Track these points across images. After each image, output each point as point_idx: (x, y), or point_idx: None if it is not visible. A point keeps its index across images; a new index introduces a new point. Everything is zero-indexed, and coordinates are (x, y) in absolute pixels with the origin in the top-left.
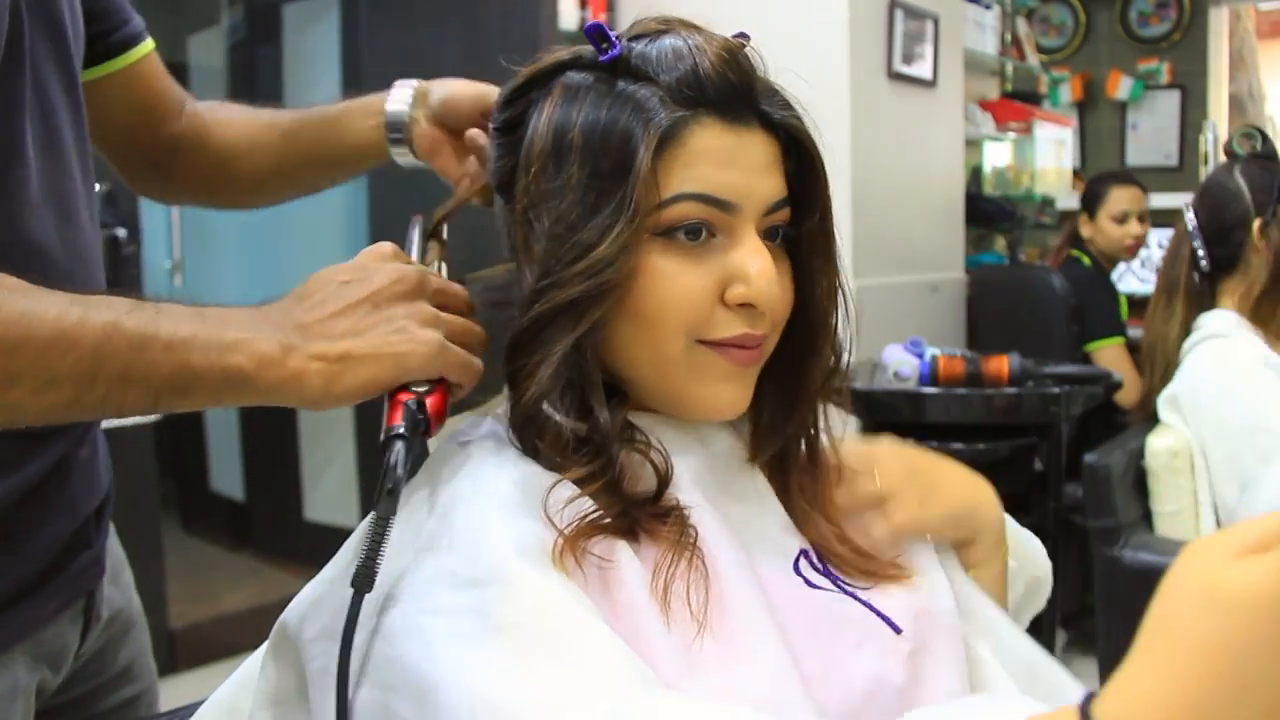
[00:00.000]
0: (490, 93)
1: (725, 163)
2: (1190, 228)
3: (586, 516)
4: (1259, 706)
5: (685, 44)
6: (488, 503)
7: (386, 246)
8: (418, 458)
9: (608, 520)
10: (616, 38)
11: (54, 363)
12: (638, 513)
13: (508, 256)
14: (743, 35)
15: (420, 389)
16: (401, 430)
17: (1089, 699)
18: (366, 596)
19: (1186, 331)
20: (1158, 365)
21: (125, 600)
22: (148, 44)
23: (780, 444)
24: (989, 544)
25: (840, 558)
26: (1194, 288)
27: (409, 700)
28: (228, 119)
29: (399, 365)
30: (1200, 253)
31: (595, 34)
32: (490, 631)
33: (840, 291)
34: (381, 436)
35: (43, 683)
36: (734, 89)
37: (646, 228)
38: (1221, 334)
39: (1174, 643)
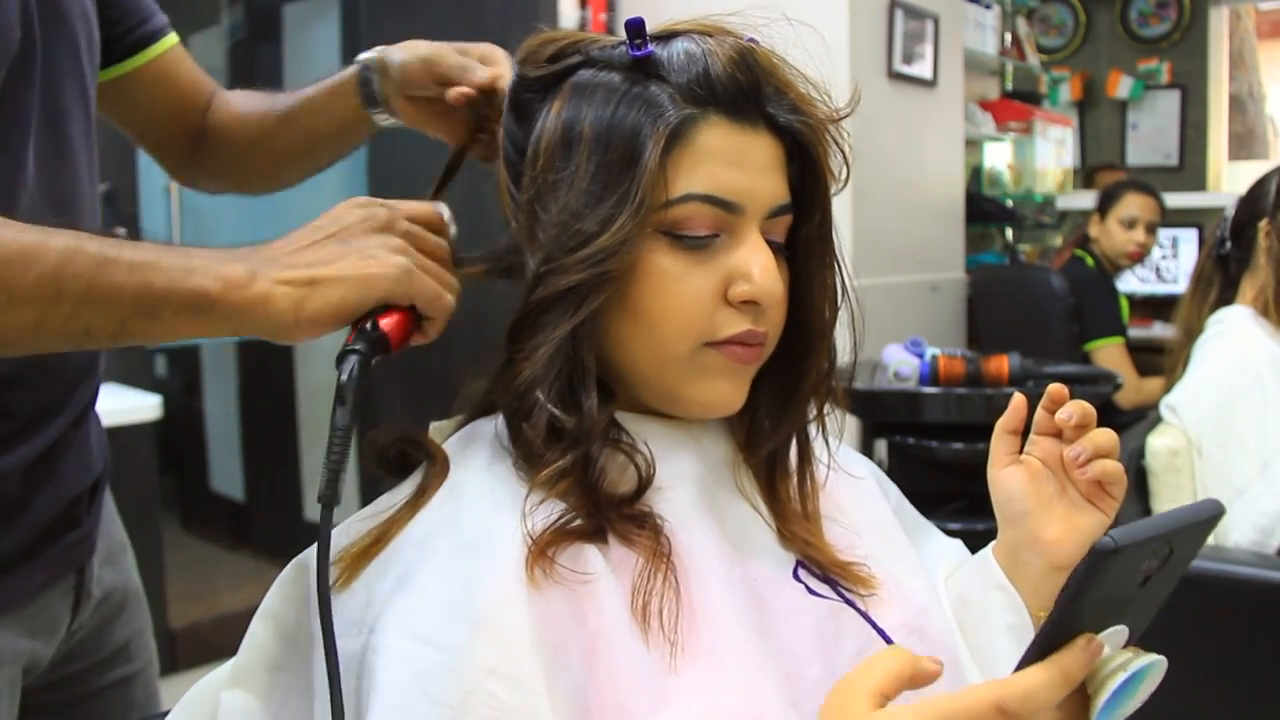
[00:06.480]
0: (438, 54)
1: (732, 162)
2: (1224, 220)
3: (556, 521)
4: None
5: (698, 46)
6: (457, 545)
7: (362, 198)
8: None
9: (577, 522)
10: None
11: (16, 279)
12: (611, 512)
13: (508, 237)
14: (752, 40)
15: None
16: (357, 347)
17: None
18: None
19: (1199, 322)
20: (1177, 356)
21: (123, 581)
22: (169, 39)
23: (773, 445)
24: None
25: (821, 566)
26: (1206, 279)
27: None
28: (243, 109)
29: (366, 286)
30: (1223, 246)
31: (634, 30)
32: (424, 697)
33: (844, 295)
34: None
35: (35, 656)
36: (742, 89)
37: (651, 224)
38: (1233, 330)
39: None
